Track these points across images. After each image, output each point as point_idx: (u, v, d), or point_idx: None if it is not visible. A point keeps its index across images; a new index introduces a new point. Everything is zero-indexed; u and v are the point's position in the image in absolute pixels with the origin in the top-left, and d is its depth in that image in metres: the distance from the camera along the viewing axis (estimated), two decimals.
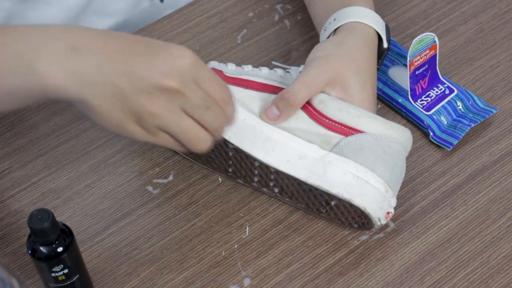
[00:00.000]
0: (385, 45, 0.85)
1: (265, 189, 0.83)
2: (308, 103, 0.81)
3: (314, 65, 0.80)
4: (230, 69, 0.84)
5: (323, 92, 0.81)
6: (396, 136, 0.79)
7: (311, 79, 0.79)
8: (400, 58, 0.93)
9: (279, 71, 0.84)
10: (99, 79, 0.67)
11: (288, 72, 0.85)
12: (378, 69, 0.86)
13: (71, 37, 0.68)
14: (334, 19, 0.85)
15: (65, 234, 0.71)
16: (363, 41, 0.83)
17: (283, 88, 0.82)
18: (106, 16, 1.00)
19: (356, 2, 0.85)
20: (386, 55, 0.86)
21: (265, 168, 0.80)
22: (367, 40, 0.83)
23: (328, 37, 0.85)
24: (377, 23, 0.84)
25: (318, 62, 0.80)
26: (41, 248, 0.70)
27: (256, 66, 0.95)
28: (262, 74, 0.84)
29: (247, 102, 0.81)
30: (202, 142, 0.71)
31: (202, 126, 0.71)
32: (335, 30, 0.85)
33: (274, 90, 0.82)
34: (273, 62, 0.93)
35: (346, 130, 0.79)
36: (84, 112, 0.70)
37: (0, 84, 0.69)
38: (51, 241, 0.70)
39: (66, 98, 0.68)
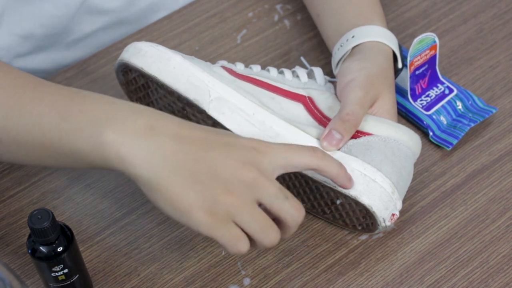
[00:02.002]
0: (400, 65, 0.87)
1: None
2: (317, 109, 0.81)
3: (359, 84, 0.81)
4: (239, 68, 0.84)
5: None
6: (405, 139, 0.80)
7: (363, 100, 0.80)
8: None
9: (288, 75, 0.84)
10: (174, 163, 0.66)
11: (295, 71, 0.85)
12: None
13: (150, 116, 0.68)
14: (353, 36, 0.85)
15: (65, 234, 0.71)
16: (387, 60, 0.84)
17: (293, 92, 0.82)
18: (102, 14, 1.00)
19: (372, 21, 0.86)
20: (399, 74, 0.88)
21: None
22: (389, 59, 0.85)
23: (346, 53, 0.85)
24: (394, 44, 0.86)
25: (361, 82, 0.81)
26: (41, 248, 0.70)
27: (262, 66, 0.95)
28: (271, 77, 0.84)
29: (258, 95, 0.81)
30: (274, 234, 0.68)
31: (279, 217, 0.69)
32: (353, 47, 0.85)
33: (284, 93, 0.82)
34: (301, 58, 0.93)
35: (354, 134, 0.79)
36: (145, 193, 0.67)
37: (69, 142, 0.68)
38: (51, 241, 0.70)
39: (129, 173, 0.66)
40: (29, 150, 0.71)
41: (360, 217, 0.79)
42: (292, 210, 0.69)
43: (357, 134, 0.79)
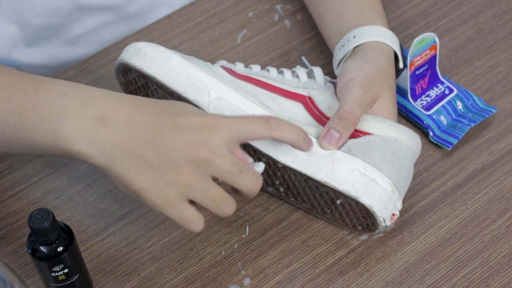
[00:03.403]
0: (401, 65, 0.86)
1: (270, 189, 0.83)
2: (317, 108, 0.81)
3: (358, 83, 0.81)
4: (239, 68, 0.84)
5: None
6: (405, 139, 0.80)
7: (361, 98, 0.80)
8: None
9: (287, 75, 0.84)
10: (124, 151, 0.69)
11: (294, 71, 0.85)
12: None
13: (100, 105, 0.70)
14: (354, 37, 0.85)
15: (65, 233, 0.71)
16: (388, 61, 0.84)
17: (292, 92, 0.82)
18: (103, 10, 1.00)
19: (373, 21, 0.86)
20: (400, 74, 0.87)
21: (272, 164, 0.80)
22: (390, 59, 0.85)
23: (347, 53, 0.85)
24: (395, 44, 0.86)
25: (361, 81, 0.81)
26: (41, 247, 0.70)
27: (262, 66, 0.95)
28: (271, 77, 0.84)
29: (257, 95, 0.81)
30: (229, 206, 0.71)
31: (236, 189, 0.72)
32: (354, 47, 0.85)
33: (284, 93, 0.82)
34: (303, 58, 0.93)
35: (354, 133, 0.79)
36: (106, 177, 0.72)
37: (25, 135, 0.72)
38: (51, 241, 0.70)
39: (88, 163, 0.71)
40: None
41: (360, 217, 0.79)
42: (247, 183, 0.71)
43: (357, 134, 0.79)
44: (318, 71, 0.86)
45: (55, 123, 0.70)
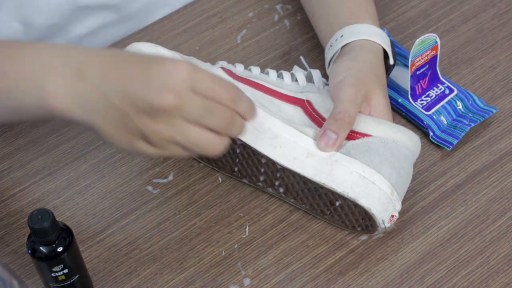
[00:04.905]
0: (391, 62, 0.86)
1: (270, 189, 0.83)
2: (316, 112, 0.81)
3: (348, 83, 0.80)
4: (239, 70, 0.84)
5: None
6: (404, 140, 0.80)
7: (353, 97, 0.79)
8: (400, 58, 0.93)
9: (286, 79, 0.84)
10: (102, 104, 0.69)
11: (293, 74, 0.85)
12: None
13: (78, 61, 0.70)
14: (341, 36, 0.85)
15: (65, 234, 0.71)
16: (376, 58, 0.84)
17: (291, 96, 0.82)
18: (104, 9, 1.00)
19: (363, 19, 0.86)
20: (391, 71, 0.87)
21: (271, 166, 0.80)
22: (378, 57, 0.85)
23: (335, 53, 0.85)
24: (384, 41, 0.85)
25: (351, 80, 0.81)
26: (41, 248, 0.70)
27: (262, 68, 0.94)
28: (270, 80, 0.84)
29: (256, 98, 0.81)
30: (215, 146, 0.71)
31: (212, 131, 0.71)
32: (343, 46, 0.85)
33: (283, 97, 0.82)
34: (301, 58, 0.92)
35: (352, 135, 0.79)
36: (93, 132, 0.72)
37: (9, 100, 0.72)
38: (51, 241, 0.70)
39: (73, 120, 0.71)
40: None
41: (359, 219, 0.79)
42: (221, 122, 0.70)
43: (356, 135, 0.79)
44: (316, 74, 0.86)
45: (36, 82, 0.70)
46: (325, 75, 0.91)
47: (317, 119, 0.81)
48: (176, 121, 0.69)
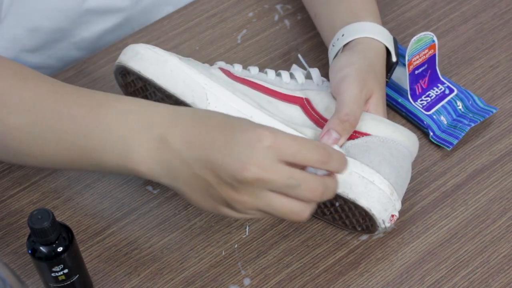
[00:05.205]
0: (394, 59, 0.86)
1: None
2: (314, 110, 0.81)
3: (353, 81, 0.80)
4: (237, 70, 0.84)
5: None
6: (402, 139, 0.79)
7: (358, 98, 0.79)
8: (400, 58, 0.93)
9: (285, 77, 0.84)
10: (185, 171, 0.69)
11: (292, 73, 0.85)
12: (386, 82, 0.86)
13: (162, 125, 0.71)
14: (343, 35, 0.85)
15: (65, 234, 0.71)
16: (378, 56, 0.84)
17: (290, 95, 0.82)
18: (111, 13, 1.00)
19: (364, 17, 0.86)
20: (395, 68, 0.87)
21: None
22: (379, 54, 0.84)
23: (338, 51, 0.85)
24: (386, 38, 0.85)
25: (355, 79, 0.80)
26: (41, 248, 0.70)
27: (260, 68, 0.94)
28: (269, 80, 0.84)
29: (255, 98, 0.81)
30: (300, 213, 0.69)
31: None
32: (345, 45, 0.85)
33: (282, 97, 0.82)
34: (299, 56, 0.92)
35: (352, 134, 0.79)
36: (180, 195, 0.73)
37: (92, 157, 0.73)
38: (51, 241, 0.70)
39: (159, 183, 0.72)
40: (56, 162, 0.75)
41: (359, 219, 0.79)
42: (307, 194, 0.68)
43: (355, 135, 0.79)
44: (315, 72, 0.86)
45: (121, 145, 0.71)
46: (324, 75, 0.91)
47: (316, 119, 0.81)
48: (259, 192, 0.67)
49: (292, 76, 0.85)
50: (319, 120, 0.81)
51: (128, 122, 0.71)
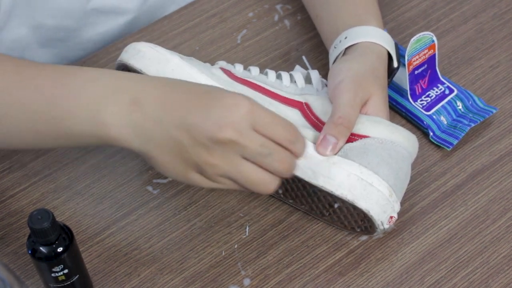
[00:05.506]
0: (395, 64, 0.86)
1: None
2: (313, 115, 0.81)
3: (347, 86, 0.80)
4: (238, 70, 0.84)
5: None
6: (402, 140, 0.79)
7: (352, 101, 0.79)
8: (400, 58, 0.93)
9: (285, 80, 0.84)
10: (158, 133, 0.69)
11: (292, 76, 0.85)
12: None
13: (134, 89, 0.70)
14: (345, 38, 0.85)
15: (65, 234, 0.71)
16: (378, 60, 0.84)
17: (290, 99, 0.82)
18: (117, 14, 1.01)
19: (367, 21, 0.86)
20: (395, 73, 0.87)
21: None
22: (381, 59, 0.84)
23: (339, 54, 0.85)
24: (388, 44, 0.85)
25: (349, 84, 0.80)
26: (41, 248, 0.70)
27: (260, 68, 0.94)
28: (269, 82, 0.84)
29: (255, 99, 0.81)
30: (267, 185, 0.71)
31: (266, 170, 0.71)
32: (346, 48, 0.85)
33: (281, 100, 0.82)
34: (303, 57, 0.92)
35: (350, 137, 0.79)
36: (146, 160, 0.72)
37: (60, 126, 0.72)
38: (51, 241, 0.70)
39: (128, 148, 0.71)
40: (23, 138, 0.74)
41: (358, 220, 0.79)
42: (276, 164, 0.70)
43: (354, 138, 0.79)
44: (314, 75, 0.86)
45: (91, 110, 0.70)
46: (324, 75, 0.91)
47: (315, 123, 0.81)
48: (232, 156, 0.69)
49: (292, 79, 0.85)
50: (318, 124, 0.81)
51: (96, 88, 0.71)
